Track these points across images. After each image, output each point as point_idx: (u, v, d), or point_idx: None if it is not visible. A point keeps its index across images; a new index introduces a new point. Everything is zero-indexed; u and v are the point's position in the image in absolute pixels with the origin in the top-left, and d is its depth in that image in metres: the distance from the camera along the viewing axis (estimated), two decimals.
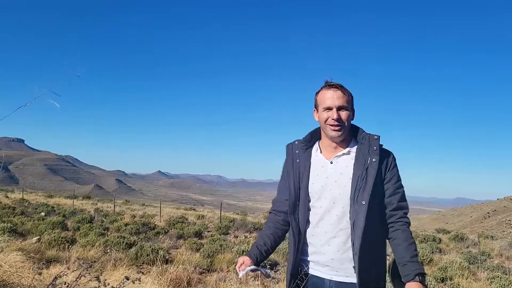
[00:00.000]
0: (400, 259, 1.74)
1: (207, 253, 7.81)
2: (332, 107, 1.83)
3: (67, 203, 22.24)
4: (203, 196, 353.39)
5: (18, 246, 6.26)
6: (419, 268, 1.68)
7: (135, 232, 10.80)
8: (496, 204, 63.41)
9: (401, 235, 1.77)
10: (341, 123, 1.82)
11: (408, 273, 1.68)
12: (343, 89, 1.87)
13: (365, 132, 1.90)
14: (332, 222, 1.82)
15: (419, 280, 1.65)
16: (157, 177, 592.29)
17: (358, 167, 1.80)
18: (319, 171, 1.89)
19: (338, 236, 1.80)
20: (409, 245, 1.74)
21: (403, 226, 1.79)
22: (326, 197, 1.84)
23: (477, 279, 8.21)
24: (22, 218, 12.20)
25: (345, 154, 1.88)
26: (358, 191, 1.76)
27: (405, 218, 1.82)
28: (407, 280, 1.68)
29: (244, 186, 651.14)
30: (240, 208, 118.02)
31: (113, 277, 4.38)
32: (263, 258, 1.98)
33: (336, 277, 1.81)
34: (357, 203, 1.75)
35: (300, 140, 2.00)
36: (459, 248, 14.08)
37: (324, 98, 1.86)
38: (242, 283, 5.63)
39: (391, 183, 1.82)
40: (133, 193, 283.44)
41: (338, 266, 1.80)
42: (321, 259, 1.84)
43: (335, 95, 1.84)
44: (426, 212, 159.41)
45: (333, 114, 1.82)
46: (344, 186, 1.81)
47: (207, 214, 21.63)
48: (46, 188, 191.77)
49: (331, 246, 1.81)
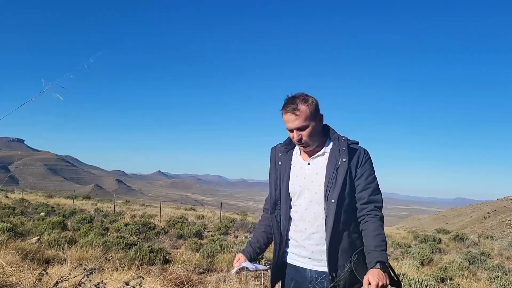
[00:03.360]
0: (366, 248, 1.87)
1: (207, 253, 7.80)
2: (292, 129, 1.93)
3: (67, 203, 22.24)
4: (203, 196, 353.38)
5: (18, 246, 6.26)
6: (380, 256, 1.79)
7: (135, 232, 10.79)
8: (496, 204, 63.42)
9: (369, 226, 1.88)
10: (303, 142, 1.94)
11: (370, 261, 1.81)
12: (297, 109, 1.89)
13: (336, 133, 2.02)
14: (310, 219, 1.97)
15: (379, 267, 1.76)
16: (157, 177, 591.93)
17: (330, 167, 1.93)
18: (298, 172, 2.03)
19: (317, 232, 1.95)
20: (376, 236, 1.85)
21: (373, 218, 1.89)
22: (304, 196, 1.99)
23: (477, 279, 8.21)
24: (22, 218, 12.20)
25: (320, 156, 2.00)
26: (329, 190, 1.90)
27: (376, 211, 1.91)
28: (369, 267, 1.79)
29: (244, 186, 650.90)
30: (240, 208, 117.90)
31: (113, 278, 4.37)
32: (257, 255, 2.16)
33: (317, 267, 1.97)
34: (328, 201, 1.90)
35: (281, 143, 2.12)
36: (459, 248, 14.08)
37: (284, 120, 1.95)
38: (242, 283, 5.63)
39: (362, 179, 1.93)
40: (133, 193, 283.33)
41: (318, 258, 1.96)
42: (303, 252, 2.00)
43: (290, 119, 1.92)
44: (426, 212, 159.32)
45: (293, 136, 1.94)
46: (319, 185, 1.95)
47: (207, 214, 21.62)
48: (46, 188, 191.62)
49: (311, 241, 1.97)
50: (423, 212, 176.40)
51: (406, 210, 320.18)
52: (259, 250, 2.15)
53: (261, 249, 2.15)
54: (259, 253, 2.16)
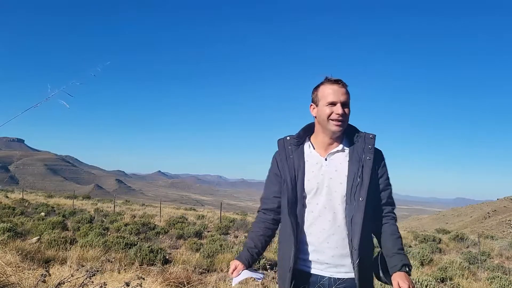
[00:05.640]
0: (387, 251, 1.82)
1: (207, 253, 7.80)
2: (337, 102, 1.82)
3: (67, 203, 22.22)
4: (203, 196, 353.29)
5: (18, 246, 6.26)
6: (405, 259, 1.76)
7: (135, 232, 10.77)
8: (496, 204, 63.34)
9: (388, 228, 1.86)
10: (344, 118, 1.83)
11: (395, 264, 1.76)
12: (346, 86, 1.88)
13: (360, 131, 1.92)
14: (329, 219, 1.82)
15: (405, 271, 1.73)
16: (157, 177, 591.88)
17: (354, 164, 1.82)
18: (314, 168, 1.87)
19: (336, 233, 1.81)
20: (397, 239, 1.83)
21: (391, 221, 1.88)
22: (322, 194, 1.84)
23: (477, 279, 8.20)
24: (22, 218, 12.19)
25: (339, 151, 1.88)
26: (355, 188, 1.78)
27: (393, 213, 1.91)
28: (394, 271, 1.75)
29: (244, 186, 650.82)
30: (240, 208, 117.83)
31: (113, 278, 4.37)
32: (255, 260, 1.97)
33: (336, 274, 1.81)
34: (354, 200, 1.78)
35: (293, 136, 1.96)
36: (459, 248, 14.06)
37: (327, 93, 1.84)
38: (242, 283, 5.63)
39: (382, 180, 1.88)
40: (133, 193, 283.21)
41: (338, 263, 1.81)
42: (320, 257, 1.83)
43: (339, 90, 1.84)
44: (426, 212, 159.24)
45: (337, 109, 1.81)
46: (340, 183, 1.82)
47: (207, 214, 21.60)
48: (46, 188, 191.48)
49: (330, 243, 1.81)
50: (423, 212, 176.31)
51: (406, 210, 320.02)
52: (256, 255, 1.95)
53: (258, 254, 1.96)
54: (256, 258, 1.98)
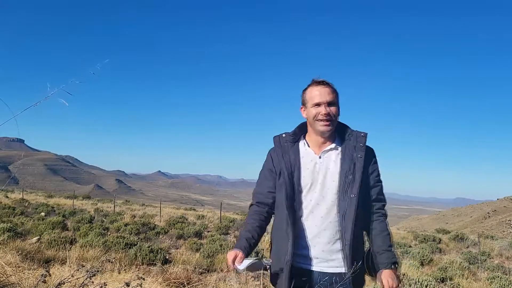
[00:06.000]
0: (377, 248, 1.87)
1: (207, 253, 7.80)
2: (321, 103, 1.90)
3: (67, 203, 22.23)
4: (203, 196, 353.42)
5: (18, 246, 6.26)
6: (394, 257, 1.83)
7: (135, 232, 10.77)
8: (496, 204, 63.39)
9: (378, 225, 1.91)
10: (330, 117, 1.90)
11: (384, 262, 1.83)
12: (331, 86, 1.95)
13: (351, 129, 1.98)
14: (322, 215, 1.88)
15: (394, 268, 1.80)
16: (157, 177, 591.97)
17: (346, 162, 1.89)
18: (309, 165, 1.94)
19: (328, 229, 1.87)
20: (386, 236, 1.89)
21: (381, 217, 1.93)
22: (316, 190, 1.90)
23: (477, 279, 8.20)
24: (22, 218, 12.20)
25: (332, 149, 1.95)
26: (347, 185, 1.85)
27: (383, 210, 1.96)
28: (383, 268, 1.82)
29: (244, 186, 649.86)
30: (240, 208, 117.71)
31: (113, 278, 4.37)
32: (251, 251, 2.01)
33: (326, 268, 1.87)
34: (346, 196, 1.84)
35: (289, 133, 2.03)
36: (459, 248, 14.06)
37: (312, 95, 1.93)
38: (242, 283, 5.63)
39: (372, 177, 1.94)
40: (133, 193, 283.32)
41: (328, 258, 1.87)
42: (311, 251, 1.89)
43: (323, 91, 1.92)
44: (426, 212, 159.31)
45: (322, 110, 1.89)
46: (333, 180, 1.89)
47: (207, 214, 21.60)
48: (46, 188, 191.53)
49: (321, 238, 1.87)
50: (423, 212, 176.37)
51: (406, 210, 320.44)
52: (253, 245, 1.98)
53: (255, 245, 1.99)
54: (253, 248, 2.01)
